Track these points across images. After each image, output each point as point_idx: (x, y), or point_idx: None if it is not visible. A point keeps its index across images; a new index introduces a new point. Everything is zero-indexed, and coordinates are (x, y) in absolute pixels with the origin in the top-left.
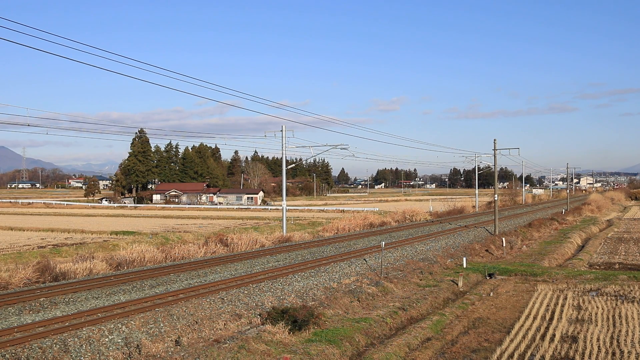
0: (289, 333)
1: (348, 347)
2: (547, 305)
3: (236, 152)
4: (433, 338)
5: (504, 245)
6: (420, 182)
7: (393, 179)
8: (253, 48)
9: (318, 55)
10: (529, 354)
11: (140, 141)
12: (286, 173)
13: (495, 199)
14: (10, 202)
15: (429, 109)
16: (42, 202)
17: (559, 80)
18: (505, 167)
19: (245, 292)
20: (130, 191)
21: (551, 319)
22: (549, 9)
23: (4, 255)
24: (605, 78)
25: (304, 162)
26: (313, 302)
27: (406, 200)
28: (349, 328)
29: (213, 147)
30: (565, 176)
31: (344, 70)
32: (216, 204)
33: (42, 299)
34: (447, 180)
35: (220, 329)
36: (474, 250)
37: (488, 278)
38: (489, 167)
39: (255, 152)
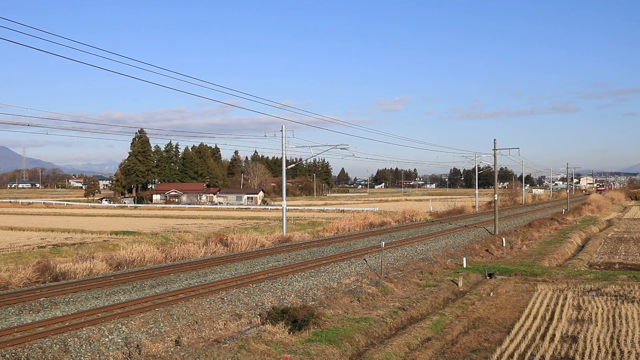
0: (289, 333)
1: (348, 347)
2: (547, 305)
3: (236, 152)
4: (433, 338)
5: (504, 245)
6: (420, 182)
7: (393, 179)
8: (255, 48)
9: (321, 55)
10: (529, 354)
11: (140, 141)
12: (286, 173)
13: (495, 199)
14: (10, 202)
15: (432, 109)
16: (42, 202)
17: (562, 80)
18: (506, 167)
19: (245, 292)
20: (130, 191)
21: (551, 319)
22: (552, 9)
23: (4, 255)
24: (609, 78)
25: (304, 162)
26: (313, 302)
27: (406, 200)
28: (349, 328)
29: (213, 147)
30: (565, 176)
31: (347, 70)
32: (216, 204)
33: (42, 299)
34: (447, 180)
35: (220, 329)
36: (474, 250)
37: (488, 278)
38: (489, 167)
39: (255, 152)
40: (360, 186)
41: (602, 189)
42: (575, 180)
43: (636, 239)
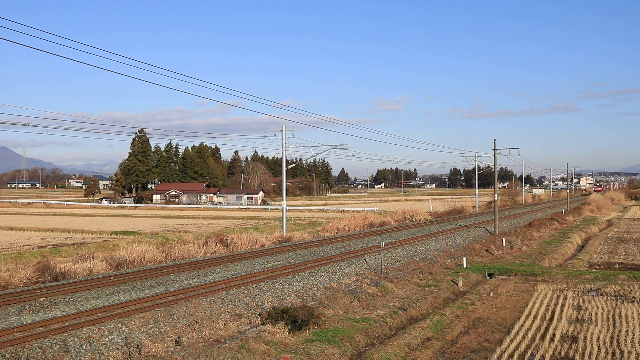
0: (289, 333)
1: (348, 347)
2: (547, 305)
3: (236, 152)
4: (433, 338)
5: (504, 245)
6: (420, 182)
7: (393, 178)
8: (256, 48)
9: (322, 55)
10: (529, 354)
11: (140, 141)
12: (286, 173)
13: (495, 198)
14: (10, 202)
15: (433, 109)
16: (42, 202)
17: (563, 80)
18: (506, 167)
19: (245, 292)
20: (130, 191)
21: (551, 319)
22: (553, 9)
23: (4, 255)
24: (609, 78)
25: (304, 162)
26: (313, 302)
27: (406, 200)
28: (349, 328)
29: (213, 147)
30: (565, 176)
31: (347, 70)
32: (216, 204)
33: (42, 299)
34: (447, 180)
35: (220, 329)
36: (474, 250)
37: (488, 278)
38: (489, 167)
39: (255, 152)
40: (360, 186)
41: (600, 189)
42: (575, 180)
43: (636, 239)
